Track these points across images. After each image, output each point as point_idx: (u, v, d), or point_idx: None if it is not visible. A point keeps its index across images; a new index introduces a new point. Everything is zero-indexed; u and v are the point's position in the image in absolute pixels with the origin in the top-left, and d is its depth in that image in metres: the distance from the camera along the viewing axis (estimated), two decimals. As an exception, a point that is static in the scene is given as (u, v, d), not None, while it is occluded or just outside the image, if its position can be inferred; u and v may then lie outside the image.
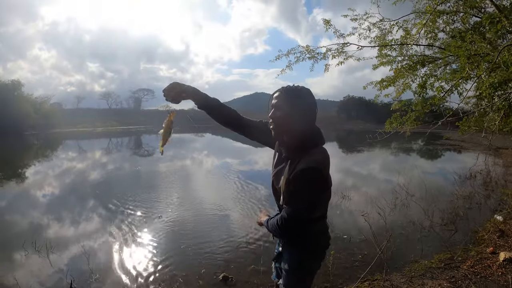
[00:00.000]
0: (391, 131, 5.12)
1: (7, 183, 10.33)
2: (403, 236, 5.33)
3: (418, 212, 6.31)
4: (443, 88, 4.36)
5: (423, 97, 4.89)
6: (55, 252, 4.86)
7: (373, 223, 5.28)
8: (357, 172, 12.94)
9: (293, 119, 1.57)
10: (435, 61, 5.59)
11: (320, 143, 1.65)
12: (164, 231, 5.76)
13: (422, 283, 3.65)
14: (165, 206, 7.25)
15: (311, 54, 5.19)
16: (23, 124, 34.35)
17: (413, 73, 5.26)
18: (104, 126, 46.64)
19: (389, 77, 5.44)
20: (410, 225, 5.79)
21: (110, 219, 6.40)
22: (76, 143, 26.14)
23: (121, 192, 8.40)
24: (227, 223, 6.27)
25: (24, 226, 6.16)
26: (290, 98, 1.58)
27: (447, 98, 4.46)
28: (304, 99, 1.60)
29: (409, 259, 4.41)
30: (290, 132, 1.62)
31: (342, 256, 4.59)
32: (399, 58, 5.71)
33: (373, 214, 6.19)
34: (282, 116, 1.59)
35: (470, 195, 7.58)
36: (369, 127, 35.28)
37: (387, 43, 5.39)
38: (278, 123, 1.61)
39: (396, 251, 4.60)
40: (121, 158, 17.59)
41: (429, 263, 4.21)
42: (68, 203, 7.67)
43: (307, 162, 1.51)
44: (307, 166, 1.49)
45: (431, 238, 5.21)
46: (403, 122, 4.91)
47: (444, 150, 20.21)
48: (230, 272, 4.12)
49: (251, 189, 8.87)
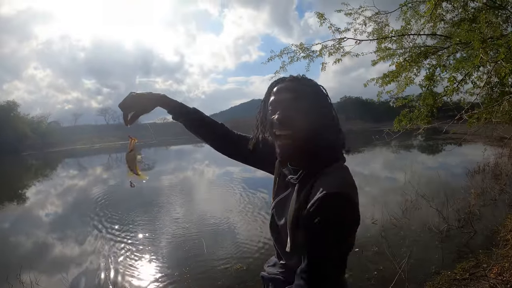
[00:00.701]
0: (400, 130, 4.66)
1: (6, 205, 10.19)
2: (420, 244, 4.89)
3: (431, 214, 5.88)
4: (455, 78, 3.97)
5: (431, 90, 4.49)
6: (56, 273, 4.80)
7: (385, 230, 4.90)
8: (361, 174, 12.49)
9: (319, 122, 1.02)
10: (439, 51, 5.23)
11: (342, 158, 1.08)
12: (168, 249, 5.52)
13: (448, 299, 3.25)
14: (170, 222, 7.00)
15: (306, 52, 4.80)
16: (21, 145, 34.76)
17: (417, 65, 4.88)
18: (102, 142, 46.61)
19: (392, 71, 5.06)
20: (426, 231, 5.35)
21: (113, 237, 6.19)
22: (76, 161, 26.09)
23: (123, 209, 8.13)
24: (234, 234, 6.04)
25: (23, 246, 6.14)
26: (308, 91, 1.05)
27: (460, 89, 4.08)
28: (323, 93, 1.08)
29: (430, 271, 4.01)
30: (312, 142, 1.02)
31: (356, 273, 4.12)
32: (400, 51, 5.37)
33: (383, 220, 5.75)
34: (302, 117, 1.00)
35: (483, 191, 7.22)
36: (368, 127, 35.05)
37: (386, 35, 5.01)
38: (296, 129, 1.01)
39: (414, 263, 4.16)
40: (121, 173, 17.34)
41: (452, 274, 3.85)
42: (69, 223, 7.51)
43: (327, 186, 0.92)
44: (328, 192, 0.90)
45: (450, 244, 4.82)
46: (414, 119, 4.47)
47: (446, 144, 19.85)
48: None
49: (256, 197, 8.53)
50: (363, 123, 52.76)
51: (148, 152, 31.25)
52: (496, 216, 5.67)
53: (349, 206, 0.91)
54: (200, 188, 11.36)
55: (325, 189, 0.90)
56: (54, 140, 42.23)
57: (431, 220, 5.58)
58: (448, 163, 13.59)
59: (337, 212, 0.89)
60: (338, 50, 4.90)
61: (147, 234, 6.35)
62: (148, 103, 1.35)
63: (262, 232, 5.95)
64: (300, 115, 1.00)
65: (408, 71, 5.20)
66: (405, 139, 21.85)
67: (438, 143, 21.30)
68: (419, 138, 25.28)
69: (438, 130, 6.56)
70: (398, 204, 6.76)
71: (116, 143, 45.31)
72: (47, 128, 45.92)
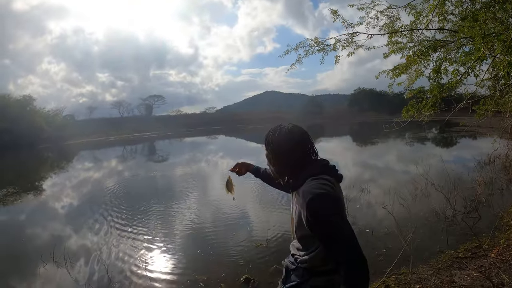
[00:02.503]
0: (408, 119, 4.96)
1: (24, 196, 10.41)
2: (427, 227, 5.20)
3: (440, 201, 6.11)
4: (459, 71, 4.21)
5: (438, 82, 4.73)
6: (73, 262, 4.89)
7: (394, 214, 5.15)
8: (374, 164, 12.78)
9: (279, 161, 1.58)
10: (446, 44, 5.43)
11: (318, 173, 1.48)
12: (182, 236, 5.77)
13: (450, 274, 3.54)
14: (183, 210, 7.28)
15: (320, 46, 5.08)
16: (37, 138, 34.75)
17: (426, 58, 5.11)
18: (117, 135, 46.77)
19: (402, 64, 5.29)
20: (433, 215, 5.64)
21: (127, 226, 6.38)
22: (91, 153, 26.43)
23: (138, 199, 8.42)
24: (245, 223, 6.24)
25: (42, 237, 6.23)
26: (269, 147, 1.60)
27: (463, 81, 4.31)
28: (280, 142, 1.56)
29: (434, 250, 4.30)
30: (283, 175, 1.62)
31: (366, 251, 4.35)
32: (410, 44, 5.57)
33: (394, 205, 6.05)
34: (273, 163, 1.62)
35: (491, 181, 7.39)
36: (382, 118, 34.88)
37: (397, 29, 5.25)
38: (273, 169, 1.65)
39: (421, 243, 4.48)
40: (136, 164, 17.78)
41: (455, 253, 4.11)
42: (85, 213, 7.65)
43: (305, 195, 1.37)
44: (308, 198, 1.34)
45: (456, 227, 5.07)
46: (420, 109, 4.74)
47: (460, 136, 19.81)
48: (252, 274, 4.07)
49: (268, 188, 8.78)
50: (377, 115, 52.11)
51: (163, 144, 31.74)
52: (502, 205, 5.82)
53: (323, 199, 1.33)
54: (215, 178, 11.63)
55: (304, 201, 1.35)
56: (69, 133, 42.09)
57: (439, 206, 5.83)
58: (458, 154, 13.69)
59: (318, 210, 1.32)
60: (351, 44, 5.17)
61: (166, 218, 6.74)
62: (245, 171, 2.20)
63: (277, 218, 6.27)
64: (270, 160, 1.62)
65: (418, 64, 5.42)
66: (417, 131, 21.81)
67: (449, 135, 21.22)
68: (432, 130, 25.22)
69: (450, 123, 6.73)
70: (408, 191, 7.06)
71: (130, 135, 45.72)
72: (62, 122, 46.05)
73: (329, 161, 1.55)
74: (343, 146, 21.62)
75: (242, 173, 2.20)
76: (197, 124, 58.85)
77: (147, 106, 74.50)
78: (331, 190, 1.36)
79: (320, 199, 1.31)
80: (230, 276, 4.10)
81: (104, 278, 4.29)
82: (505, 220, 5.01)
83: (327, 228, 1.29)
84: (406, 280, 3.49)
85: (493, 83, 5.11)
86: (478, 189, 6.56)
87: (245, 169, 2.20)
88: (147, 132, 50.14)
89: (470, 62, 4.11)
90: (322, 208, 1.30)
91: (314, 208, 1.30)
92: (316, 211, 1.30)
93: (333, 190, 1.37)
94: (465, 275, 3.47)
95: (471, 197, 6.21)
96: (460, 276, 3.45)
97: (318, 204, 1.30)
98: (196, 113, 78.06)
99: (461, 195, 6.26)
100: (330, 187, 1.37)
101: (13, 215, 8.44)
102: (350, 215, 6.01)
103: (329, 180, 1.41)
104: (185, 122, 62.17)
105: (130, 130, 51.19)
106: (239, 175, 2.21)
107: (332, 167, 1.53)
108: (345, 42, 5.11)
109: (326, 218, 1.30)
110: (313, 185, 1.36)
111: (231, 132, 42.69)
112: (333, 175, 1.49)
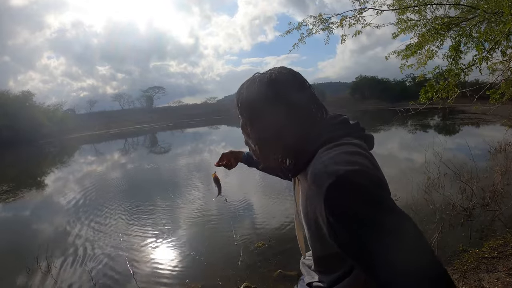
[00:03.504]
0: (426, 102, 4.42)
1: (26, 192, 10.24)
2: (446, 222, 4.72)
3: (454, 192, 5.71)
4: (484, 47, 3.73)
5: (456, 61, 4.26)
6: (77, 257, 4.78)
7: (408, 208, 4.74)
8: (381, 153, 12.32)
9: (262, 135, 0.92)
10: (462, 22, 4.97)
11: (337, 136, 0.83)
12: (175, 236, 5.38)
13: (478, 278, 3.15)
14: (178, 208, 6.92)
15: (325, 25, 4.61)
16: (37, 133, 35.06)
17: (441, 37, 4.65)
18: (118, 127, 46.81)
19: (414, 43, 4.84)
20: (450, 208, 5.18)
21: (125, 224, 6.09)
22: (92, 147, 26.21)
23: (137, 194, 8.21)
24: (244, 219, 5.83)
25: (46, 232, 6.20)
26: (243, 110, 0.94)
27: (489, 58, 3.84)
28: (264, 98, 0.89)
29: (457, 249, 3.90)
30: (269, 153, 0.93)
31: None
32: (422, 22, 5.12)
33: (406, 198, 5.58)
34: (252, 138, 0.95)
35: (507, 170, 6.93)
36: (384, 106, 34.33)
37: (409, 4, 4.78)
38: (254, 148, 0.96)
39: (442, 241, 4.02)
40: (137, 157, 17.62)
41: (480, 252, 3.72)
42: (87, 208, 7.43)
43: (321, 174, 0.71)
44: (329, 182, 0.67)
45: (475, 222, 4.68)
46: (441, 90, 4.24)
47: (464, 124, 19.41)
48: (253, 281, 3.61)
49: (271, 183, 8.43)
50: (379, 103, 51.74)
51: (164, 136, 31.54)
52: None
53: (353, 190, 0.66)
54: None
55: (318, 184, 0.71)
56: (70, 128, 42.61)
57: (455, 198, 5.40)
58: (466, 142, 13.24)
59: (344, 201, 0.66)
60: (358, 21, 4.70)
61: (159, 217, 6.37)
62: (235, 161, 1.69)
63: (281, 211, 5.86)
64: (246, 134, 0.98)
65: (432, 44, 4.98)
66: (425, 119, 21.50)
67: (458, 122, 20.86)
68: (439, 118, 24.81)
69: (454, 110, 6.30)
70: (420, 183, 6.58)
71: (131, 128, 45.74)
72: (62, 116, 46.05)
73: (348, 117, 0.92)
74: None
75: (233, 165, 1.69)
76: (198, 114, 58.95)
77: (148, 98, 74.49)
78: (368, 164, 0.72)
79: (351, 182, 0.66)
80: (228, 284, 3.67)
81: (108, 273, 4.21)
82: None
83: (373, 234, 0.62)
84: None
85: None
86: (493, 178, 6.15)
87: (234, 160, 1.67)
88: (148, 124, 50.30)
89: (497, 37, 3.62)
90: (356, 200, 0.65)
91: (340, 202, 0.66)
92: (344, 206, 0.66)
93: (370, 163, 0.72)
94: (494, 279, 3.09)
95: (487, 187, 5.76)
96: (489, 281, 3.07)
97: (348, 192, 0.65)
98: (197, 104, 78.45)
99: (477, 186, 5.78)
100: (364, 157, 0.73)
101: (15, 210, 8.38)
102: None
103: (359, 145, 0.80)
104: (186, 112, 62.41)
105: (131, 123, 51.34)
106: (229, 169, 1.71)
107: (357, 125, 0.89)
108: (352, 18, 4.63)
109: (367, 217, 0.63)
110: (332, 159, 0.72)
111: (233, 122, 42.39)
112: (362, 137, 0.87)
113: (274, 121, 0.87)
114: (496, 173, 6.51)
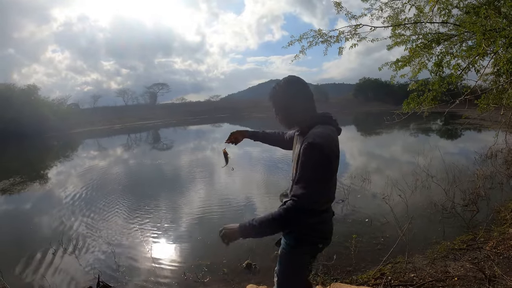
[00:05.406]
0: (408, 111, 5.04)
1: (31, 184, 10.51)
2: (425, 218, 5.30)
3: (439, 193, 6.22)
4: (459, 65, 4.26)
5: (440, 76, 4.78)
6: (82, 248, 5.04)
7: (394, 205, 5.26)
8: (376, 155, 12.88)
9: (286, 112, 1.74)
10: (450, 38, 5.46)
11: (323, 122, 1.70)
12: (186, 222, 5.91)
13: (445, 264, 3.62)
14: (186, 198, 7.44)
15: (324, 38, 5.16)
16: (42, 127, 34.36)
17: (429, 52, 5.16)
18: (121, 123, 46.66)
19: (404, 57, 5.34)
20: (431, 207, 5.73)
21: (133, 213, 6.50)
22: (96, 141, 26.50)
23: (144, 187, 8.63)
24: (248, 210, 6.35)
25: (50, 224, 6.33)
26: (273, 97, 1.75)
27: (464, 76, 4.37)
28: (285, 92, 1.72)
29: (431, 241, 4.40)
30: (290, 120, 1.76)
31: (364, 239, 4.62)
32: (414, 37, 5.61)
33: (393, 196, 6.17)
34: (277, 112, 1.77)
35: (492, 175, 7.39)
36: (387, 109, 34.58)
37: (400, 22, 5.30)
38: (279, 118, 1.78)
39: (417, 233, 4.59)
40: (141, 152, 17.85)
41: (451, 244, 4.17)
42: (91, 200, 7.74)
43: (307, 139, 1.55)
44: (308, 141, 1.53)
45: (453, 219, 5.14)
46: (421, 102, 4.82)
47: (463, 129, 19.73)
48: (253, 259, 4.19)
49: (273, 176, 8.89)
50: (382, 105, 51.76)
51: (167, 132, 31.77)
52: (500, 199, 5.88)
53: (317, 149, 1.50)
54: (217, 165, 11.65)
55: (305, 141, 1.54)
56: (74, 122, 41.88)
57: (438, 198, 5.95)
58: (461, 147, 13.68)
59: (310, 154, 1.51)
60: (354, 36, 5.23)
61: (170, 206, 6.89)
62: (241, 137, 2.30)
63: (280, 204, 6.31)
64: (277, 110, 1.77)
65: (421, 57, 5.46)
66: (421, 122, 21.75)
67: (453, 127, 21.11)
68: (436, 122, 25.10)
69: (455, 115, 6.71)
70: (409, 183, 7.13)
71: (134, 124, 45.74)
72: (67, 111, 45.72)
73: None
74: (347, 136, 21.56)
75: (239, 140, 2.30)
76: (201, 112, 58.43)
77: (152, 94, 73.93)
78: (330, 141, 1.57)
79: (316, 146, 1.49)
80: (233, 262, 4.22)
81: (111, 264, 4.44)
82: (502, 214, 5.07)
83: (306, 169, 1.51)
84: (402, 268, 3.59)
85: (495, 78, 5.16)
86: (477, 182, 6.62)
87: (241, 136, 2.29)
88: (151, 120, 50.00)
89: (471, 57, 4.15)
90: (312, 153, 1.50)
91: (306, 151, 1.51)
92: (306, 153, 1.51)
93: (331, 140, 1.59)
94: (459, 266, 3.55)
95: (470, 190, 6.27)
96: (454, 267, 3.53)
97: (311, 149, 1.50)
98: (201, 101, 77.30)
99: (460, 188, 6.34)
100: (330, 137, 1.59)
101: (20, 203, 8.61)
102: (351, 204, 6.20)
103: (332, 131, 1.66)
104: (189, 110, 61.62)
105: (135, 119, 50.94)
106: (236, 144, 2.31)
107: (335, 120, 1.74)
108: (348, 34, 5.18)
109: (309, 163, 1.50)
110: (316, 133, 1.55)
111: (236, 120, 42.68)
112: (336, 126, 1.73)
113: (294, 105, 1.70)
114: (481, 178, 6.95)
